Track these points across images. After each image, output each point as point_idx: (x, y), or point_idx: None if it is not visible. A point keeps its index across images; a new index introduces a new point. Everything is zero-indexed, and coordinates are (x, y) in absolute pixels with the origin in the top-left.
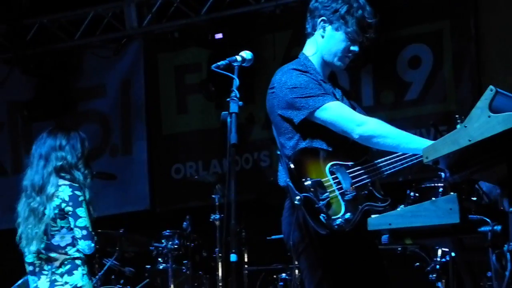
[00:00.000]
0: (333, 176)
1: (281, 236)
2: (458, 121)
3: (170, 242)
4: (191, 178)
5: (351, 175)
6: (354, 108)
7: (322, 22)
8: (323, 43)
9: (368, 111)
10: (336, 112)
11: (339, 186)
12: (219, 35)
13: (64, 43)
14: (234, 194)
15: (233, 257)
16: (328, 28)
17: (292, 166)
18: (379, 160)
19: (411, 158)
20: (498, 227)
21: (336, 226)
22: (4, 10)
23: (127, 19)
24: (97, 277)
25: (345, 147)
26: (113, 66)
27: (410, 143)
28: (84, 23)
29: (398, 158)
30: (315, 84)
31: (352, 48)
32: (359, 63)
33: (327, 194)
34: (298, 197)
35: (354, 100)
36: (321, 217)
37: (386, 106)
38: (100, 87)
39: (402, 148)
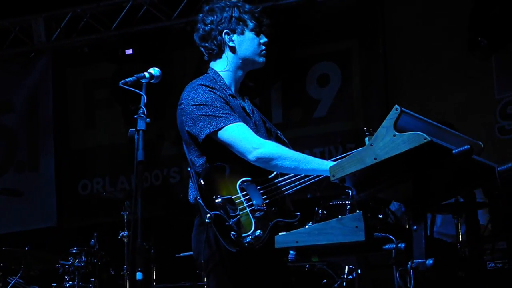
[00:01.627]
0: (243, 193)
1: (190, 253)
2: (367, 133)
3: (77, 260)
4: (99, 195)
5: (261, 191)
6: (264, 123)
7: (226, 36)
8: (238, 52)
9: (277, 129)
10: (235, 133)
11: (250, 203)
12: (129, 51)
13: None
14: (140, 211)
15: (139, 275)
16: (234, 36)
17: (202, 183)
18: (287, 177)
19: (313, 176)
20: (402, 245)
21: (246, 244)
22: None
23: (35, 34)
24: None
25: (253, 164)
26: (21, 81)
27: (308, 163)
28: None
29: (302, 176)
30: (221, 102)
31: (262, 40)
32: (268, 81)
33: (237, 211)
34: (208, 215)
35: (265, 116)
36: (231, 235)
37: (294, 124)
38: (6, 102)
39: (300, 170)
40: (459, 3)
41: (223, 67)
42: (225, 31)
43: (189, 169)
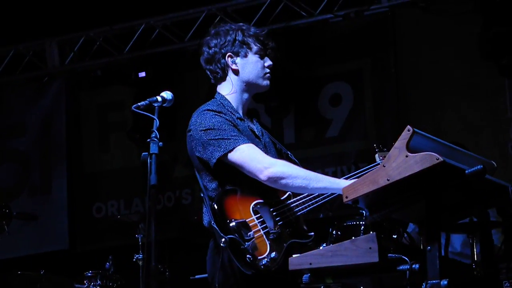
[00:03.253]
0: (257, 216)
1: (205, 275)
2: (376, 150)
3: (92, 283)
4: (113, 217)
5: (275, 213)
6: (275, 145)
7: (229, 58)
8: (241, 75)
9: (289, 149)
10: (245, 154)
11: (264, 225)
12: (142, 74)
13: None
14: (154, 235)
15: None
16: (238, 59)
17: (215, 207)
18: (299, 197)
19: (326, 195)
20: (416, 266)
21: (262, 266)
22: None
23: (49, 58)
24: None
25: (265, 185)
26: (34, 105)
27: (319, 182)
28: (4, 61)
29: (315, 195)
30: (229, 125)
31: (266, 63)
32: (281, 108)
33: (251, 234)
34: (223, 239)
35: (275, 137)
36: (247, 258)
37: (306, 144)
38: (19, 126)
39: (311, 188)
40: (471, 23)
41: (228, 90)
42: (228, 54)
43: (201, 195)
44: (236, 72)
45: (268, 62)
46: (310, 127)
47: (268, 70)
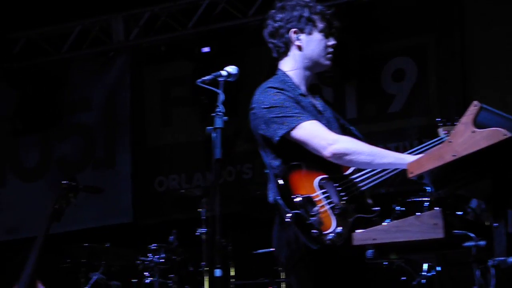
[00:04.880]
0: (322, 191)
1: (268, 250)
2: (440, 124)
3: (157, 256)
4: (176, 191)
5: (339, 188)
6: (338, 120)
7: (294, 34)
8: (304, 52)
9: (351, 124)
10: (309, 131)
11: (329, 200)
12: (206, 49)
13: (51, 57)
14: (219, 209)
15: (218, 272)
16: (302, 36)
17: (280, 183)
18: (363, 172)
19: (390, 170)
20: (482, 242)
21: (328, 241)
22: None
23: (114, 33)
24: None
25: (329, 161)
26: (99, 80)
27: (384, 157)
28: (71, 36)
29: (379, 170)
30: (292, 102)
31: (330, 43)
32: (343, 79)
33: (317, 209)
34: (288, 215)
35: (338, 112)
36: (312, 232)
37: (368, 119)
38: (85, 100)
39: (376, 164)
40: None
41: (290, 66)
42: (293, 29)
43: (266, 171)
44: (299, 49)
45: (332, 42)
46: (372, 102)
47: (331, 50)
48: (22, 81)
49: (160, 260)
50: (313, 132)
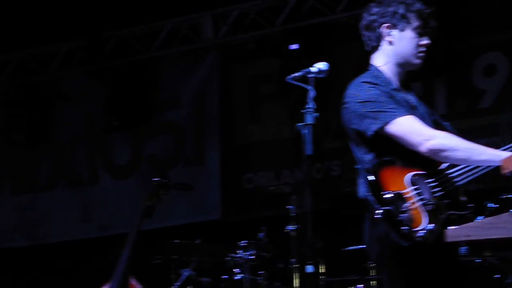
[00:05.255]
0: (414, 187)
1: (357, 247)
2: None
3: (247, 253)
4: (265, 188)
5: (432, 184)
6: (431, 116)
7: (386, 29)
8: (395, 48)
9: (443, 120)
10: (405, 127)
11: (421, 197)
12: (294, 46)
13: (142, 56)
14: (310, 205)
15: (309, 268)
16: (395, 32)
17: (371, 179)
18: (457, 168)
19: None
20: None
21: (418, 238)
22: (84, 23)
23: (203, 31)
24: (174, 287)
25: (423, 156)
26: (189, 78)
27: (481, 154)
28: (161, 35)
29: (473, 166)
30: (386, 97)
31: (422, 42)
32: (432, 74)
33: (407, 205)
34: (378, 211)
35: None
36: (403, 229)
37: (459, 115)
38: (176, 98)
39: (472, 161)
40: None
41: (382, 61)
42: (386, 24)
43: (357, 167)
44: (390, 44)
45: (425, 41)
46: (462, 98)
47: (422, 49)
48: (114, 80)
49: (250, 257)
50: (410, 128)
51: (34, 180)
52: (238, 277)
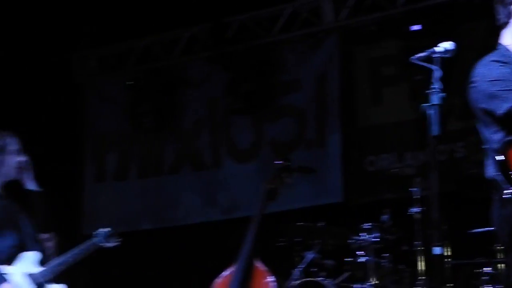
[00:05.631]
0: None
1: (484, 229)
2: None
3: (370, 235)
4: (387, 171)
5: None
6: None
7: None
8: None
9: None
10: None
11: None
12: (416, 27)
13: (263, 40)
14: (436, 186)
15: (437, 250)
16: None
17: (500, 159)
18: None
19: None
20: None
21: None
22: (206, 9)
23: (324, 14)
24: (298, 269)
25: None
26: (309, 61)
27: None
28: (281, 19)
29: None
30: None
31: None
32: None
33: None
34: (508, 191)
35: None
36: None
37: None
38: (296, 82)
39: None
40: None
41: (511, 40)
42: None
43: (484, 147)
44: None
45: None
46: None
47: None
48: (235, 64)
49: (374, 239)
50: None
51: (160, 164)
52: (362, 259)
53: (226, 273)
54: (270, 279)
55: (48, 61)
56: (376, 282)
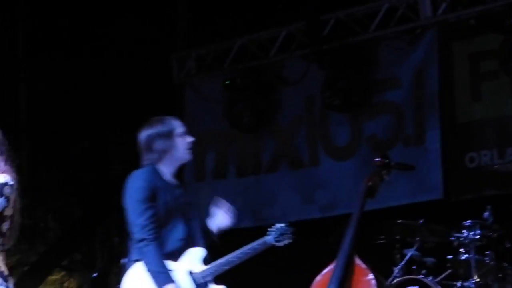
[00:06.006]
0: None
1: None
2: None
3: (472, 232)
4: (487, 167)
5: None
6: None
7: None
8: None
9: None
10: None
11: None
12: None
13: (359, 36)
14: None
15: None
16: None
17: None
18: None
19: None
20: None
21: None
22: (302, 7)
23: (422, 9)
24: (398, 267)
25: None
26: (407, 57)
27: None
28: (378, 15)
29: None
30: None
31: None
32: None
33: None
34: None
35: None
36: None
37: None
38: (394, 78)
39: None
40: None
41: None
42: None
43: None
44: None
45: None
46: None
47: None
48: (332, 62)
49: (476, 237)
50: None
51: (258, 162)
52: (464, 257)
53: (325, 270)
54: (370, 276)
55: (150, 63)
56: (478, 280)
